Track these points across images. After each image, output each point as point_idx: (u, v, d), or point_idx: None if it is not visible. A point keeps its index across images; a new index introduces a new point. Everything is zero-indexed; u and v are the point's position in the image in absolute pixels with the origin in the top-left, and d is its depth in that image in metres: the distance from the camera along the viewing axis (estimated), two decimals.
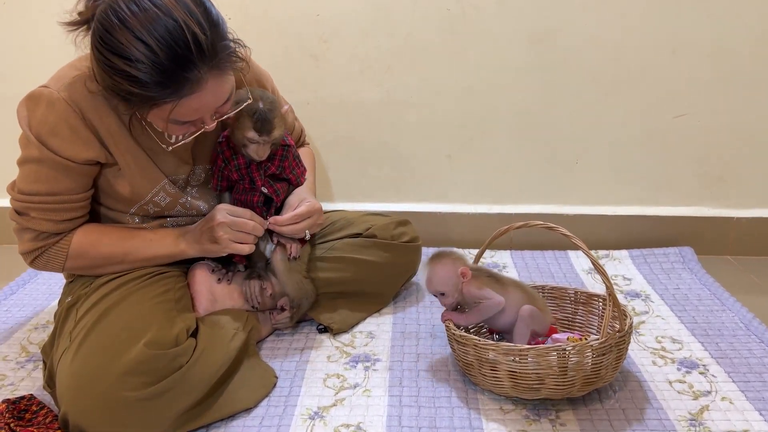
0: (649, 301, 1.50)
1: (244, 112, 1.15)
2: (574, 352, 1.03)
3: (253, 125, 1.15)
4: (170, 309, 1.13)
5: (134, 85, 0.95)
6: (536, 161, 1.79)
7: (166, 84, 0.96)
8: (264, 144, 1.18)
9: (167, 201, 1.20)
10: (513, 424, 1.06)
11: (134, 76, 0.94)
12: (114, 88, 0.98)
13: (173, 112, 1.00)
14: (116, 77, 0.96)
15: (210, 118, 1.07)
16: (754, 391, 1.14)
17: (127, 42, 0.93)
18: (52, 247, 1.14)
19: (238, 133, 1.17)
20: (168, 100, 0.98)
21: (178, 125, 1.06)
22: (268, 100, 1.18)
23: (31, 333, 1.38)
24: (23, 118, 1.08)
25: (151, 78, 0.94)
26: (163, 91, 0.96)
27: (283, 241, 1.27)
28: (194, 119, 1.05)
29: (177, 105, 0.99)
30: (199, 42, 0.95)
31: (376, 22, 1.69)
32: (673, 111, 1.72)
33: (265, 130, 1.16)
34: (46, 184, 1.09)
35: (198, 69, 0.96)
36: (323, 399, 1.13)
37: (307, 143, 1.53)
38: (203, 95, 1.00)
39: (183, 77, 0.96)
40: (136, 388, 0.97)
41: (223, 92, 1.04)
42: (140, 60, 0.93)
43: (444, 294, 1.18)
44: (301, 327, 1.38)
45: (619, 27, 1.66)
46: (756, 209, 1.78)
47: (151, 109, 1.01)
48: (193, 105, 1.01)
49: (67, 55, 1.11)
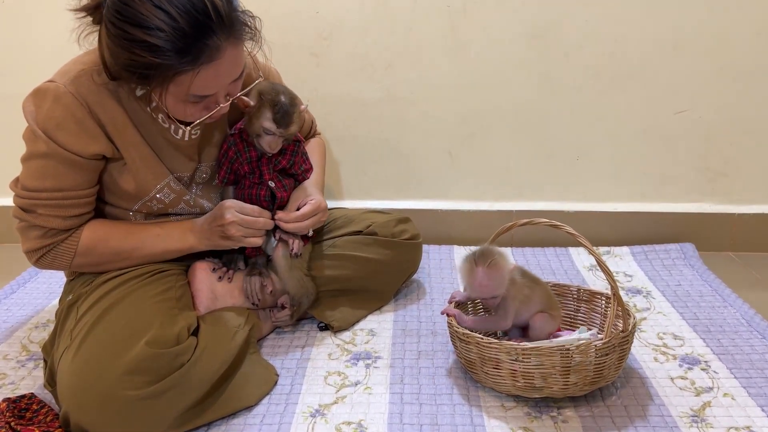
0: (651, 297, 1.49)
1: (266, 102, 1.16)
2: (578, 351, 1.03)
3: (273, 116, 1.17)
4: (171, 307, 1.13)
5: (154, 55, 0.95)
6: (537, 157, 1.79)
7: (186, 51, 0.96)
8: (279, 137, 1.19)
9: (171, 198, 1.20)
10: (515, 421, 1.06)
11: (154, 45, 0.95)
12: (132, 64, 0.98)
13: (192, 85, 1.00)
14: (135, 50, 0.96)
15: (223, 97, 1.08)
16: (756, 387, 1.14)
17: (147, 11, 0.94)
18: (59, 244, 1.13)
19: (256, 123, 1.18)
20: (187, 69, 0.98)
21: (194, 105, 1.06)
22: (289, 95, 1.20)
23: (32, 332, 1.38)
24: (30, 113, 1.07)
25: (172, 45, 0.95)
26: (182, 59, 0.96)
27: (285, 238, 1.26)
28: (211, 94, 1.05)
29: (196, 76, 0.99)
30: (217, 9, 0.97)
31: (376, 19, 1.69)
32: (674, 106, 1.72)
33: (284, 123, 1.18)
34: (53, 179, 1.09)
35: (217, 36, 0.98)
36: (324, 397, 1.13)
37: (318, 133, 1.53)
38: (221, 64, 1.01)
39: (203, 44, 0.97)
40: (138, 386, 0.97)
41: (239, 63, 1.05)
42: (160, 28, 0.94)
43: (495, 297, 1.16)
44: (301, 325, 1.38)
45: (620, 22, 1.66)
46: (757, 205, 1.78)
47: (170, 84, 1.01)
48: (212, 74, 1.01)
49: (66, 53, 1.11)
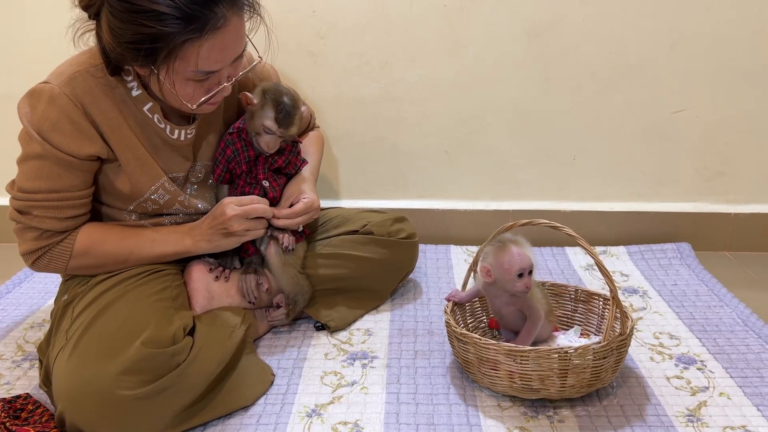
0: (647, 297, 1.50)
1: (269, 100, 1.17)
2: (576, 355, 1.03)
3: (275, 116, 1.18)
4: (167, 307, 1.13)
5: (162, 24, 0.95)
6: (534, 157, 1.79)
7: (193, 17, 0.96)
8: (278, 137, 1.20)
9: (166, 198, 1.19)
10: (511, 420, 1.06)
11: (161, 13, 0.95)
12: (138, 38, 0.97)
13: (199, 57, 1.00)
14: (142, 20, 0.95)
15: (225, 77, 1.08)
16: (751, 386, 1.14)
17: None
18: (55, 246, 1.13)
19: (257, 121, 1.19)
20: (194, 37, 0.98)
21: (198, 85, 1.06)
22: (292, 97, 1.21)
23: (27, 332, 1.38)
24: (24, 114, 1.07)
25: (178, 12, 0.95)
26: (189, 26, 0.96)
27: (275, 234, 1.27)
28: (217, 69, 1.05)
29: (202, 46, 0.99)
30: None
31: (373, 17, 1.68)
32: (671, 105, 1.72)
33: (285, 123, 1.19)
34: (49, 181, 1.08)
35: (222, 5, 0.98)
36: (321, 396, 1.13)
37: (317, 126, 1.53)
38: (226, 35, 1.01)
39: (209, 10, 0.97)
40: (133, 386, 0.97)
41: (242, 37, 1.06)
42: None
43: (531, 272, 1.14)
44: (298, 324, 1.37)
45: (617, 21, 1.66)
46: (754, 205, 1.78)
47: (177, 58, 1.00)
48: (217, 45, 1.01)
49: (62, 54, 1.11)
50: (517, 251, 1.13)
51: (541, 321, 1.17)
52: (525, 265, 1.13)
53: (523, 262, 1.13)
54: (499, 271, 1.14)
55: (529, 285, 1.13)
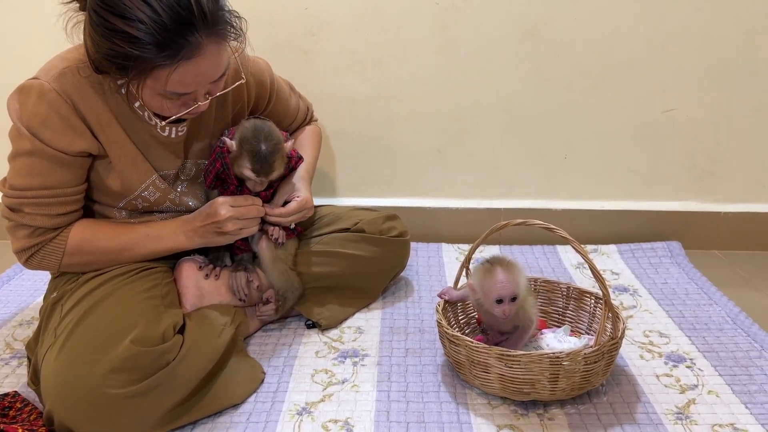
0: (637, 295, 1.50)
1: (245, 151, 1.15)
2: (567, 359, 1.03)
3: (252, 167, 1.16)
4: (157, 305, 1.12)
5: (133, 46, 0.94)
6: (526, 155, 1.79)
7: (165, 45, 0.95)
8: (262, 182, 1.19)
9: (156, 196, 1.19)
10: (501, 418, 1.06)
11: (134, 37, 0.94)
12: (111, 54, 0.97)
13: (170, 81, 0.99)
14: (115, 39, 0.95)
15: (203, 95, 1.07)
16: (740, 384, 1.15)
17: (130, 2, 0.93)
18: (48, 243, 1.12)
19: (237, 169, 1.18)
20: (166, 63, 0.97)
21: (171, 101, 1.05)
22: (272, 142, 1.17)
23: (16, 329, 1.37)
24: (14, 111, 1.06)
25: (151, 38, 0.94)
26: (160, 53, 0.95)
27: (267, 228, 1.26)
28: (189, 92, 1.04)
29: (174, 71, 0.98)
30: (201, 6, 0.96)
31: (365, 15, 1.68)
32: (662, 105, 1.73)
33: (263, 172, 1.17)
34: (39, 177, 1.08)
35: (198, 33, 0.96)
36: (311, 394, 1.13)
37: (315, 119, 1.53)
38: (201, 62, 0.99)
39: (183, 40, 0.96)
40: (123, 385, 0.96)
41: (220, 63, 1.04)
42: (141, 20, 0.93)
43: (515, 299, 1.11)
44: (288, 322, 1.37)
45: (609, 21, 1.66)
46: (743, 204, 1.79)
47: (148, 77, 0.99)
48: (191, 72, 1.00)
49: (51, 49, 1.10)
50: (501, 278, 1.10)
51: (533, 328, 1.17)
52: (504, 293, 1.10)
53: (503, 290, 1.10)
54: (481, 293, 1.12)
55: (507, 312, 1.10)
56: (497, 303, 1.10)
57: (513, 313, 1.11)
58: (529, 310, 1.16)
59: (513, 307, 1.11)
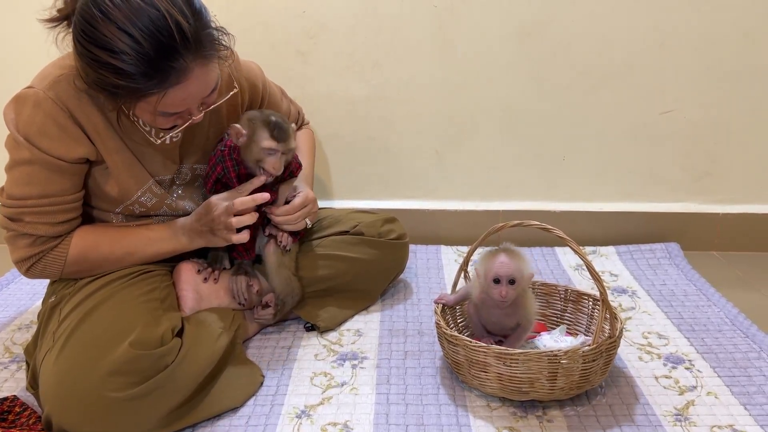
0: (636, 296, 1.50)
1: (258, 124, 1.16)
2: (565, 357, 1.03)
3: (270, 134, 1.16)
4: (155, 308, 1.12)
5: (120, 78, 0.94)
6: (524, 157, 1.79)
7: (152, 74, 0.95)
8: (281, 154, 1.18)
9: (153, 201, 1.19)
10: (500, 420, 1.06)
11: (119, 68, 0.94)
12: (99, 82, 0.97)
13: (160, 104, 0.99)
14: (101, 71, 0.95)
15: (197, 109, 1.07)
16: (739, 385, 1.15)
17: (111, 34, 0.92)
18: (50, 252, 1.12)
19: (255, 147, 1.17)
20: (154, 91, 0.97)
21: (165, 117, 1.05)
22: (279, 115, 1.20)
23: (15, 333, 1.37)
24: (10, 120, 1.06)
25: (136, 69, 0.94)
26: (148, 82, 0.95)
27: (274, 233, 1.27)
28: (181, 110, 1.05)
29: (163, 96, 0.98)
30: (183, 31, 0.94)
31: (363, 17, 1.68)
32: (660, 105, 1.73)
33: (282, 137, 1.17)
34: (38, 186, 1.08)
35: (183, 58, 0.96)
36: (310, 397, 1.13)
37: (307, 122, 1.53)
38: (189, 85, 0.99)
39: (168, 67, 0.95)
40: (121, 388, 0.96)
41: (209, 82, 1.03)
42: (125, 51, 0.92)
43: (513, 283, 1.11)
44: (288, 325, 1.37)
45: (606, 22, 1.66)
46: (742, 204, 1.80)
47: (138, 102, 1.00)
48: (180, 95, 1.00)
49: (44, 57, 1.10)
50: (501, 258, 1.12)
51: (532, 327, 1.17)
52: (502, 272, 1.11)
53: (501, 269, 1.11)
54: (482, 275, 1.14)
55: (504, 294, 1.10)
56: (495, 284, 1.11)
57: (511, 297, 1.11)
58: (530, 308, 1.16)
59: (511, 292, 1.11)
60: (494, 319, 1.18)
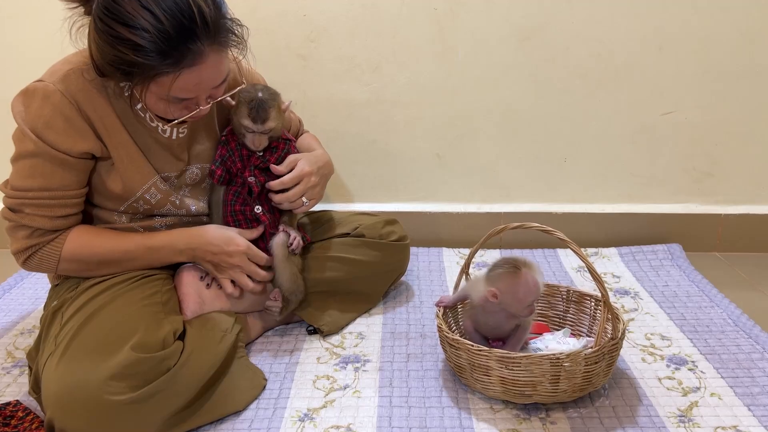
0: (638, 298, 1.50)
1: (243, 100, 1.19)
2: (568, 360, 1.03)
3: (248, 113, 1.18)
4: (157, 312, 1.12)
5: (137, 54, 0.97)
6: (524, 159, 1.79)
7: (169, 53, 0.97)
8: (260, 134, 1.20)
9: (158, 198, 1.19)
10: (503, 423, 1.06)
11: (138, 44, 0.96)
12: (116, 60, 0.99)
13: (173, 87, 1.02)
14: (119, 47, 0.97)
15: (204, 100, 1.09)
16: (742, 386, 1.15)
17: (134, 10, 0.95)
18: (45, 245, 1.13)
19: (236, 121, 1.21)
20: (169, 71, 0.99)
21: (174, 105, 1.07)
22: (269, 92, 1.21)
23: (17, 338, 1.37)
24: (18, 113, 1.08)
25: (154, 46, 0.96)
26: (164, 61, 0.98)
27: (287, 229, 1.28)
28: (191, 97, 1.06)
29: (177, 78, 1.00)
30: (204, 15, 0.98)
31: (363, 21, 1.69)
32: (660, 107, 1.73)
33: (259, 119, 1.19)
34: (41, 179, 1.09)
35: (201, 41, 0.99)
36: (313, 401, 1.13)
37: (306, 131, 1.53)
38: (203, 69, 1.02)
39: (186, 48, 0.98)
40: (123, 391, 0.96)
41: (221, 70, 1.06)
42: (146, 28, 0.95)
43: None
44: (290, 328, 1.37)
45: (606, 24, 1.66)
46: (743, 205, 1.80)
47: (151, 83, 1.02)
48: (193, 79, 1.02)
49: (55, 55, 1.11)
50: (533, 281, 1.10)
51: (530, 327, 1.17)
52: (538, 295, 1.12)
53: (538, 293, 1.11)
54: (510, 298, 1.11)
55: (534, 309, 1.13)
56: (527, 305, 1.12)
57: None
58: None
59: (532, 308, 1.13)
60: (494, 323, 1.17)
